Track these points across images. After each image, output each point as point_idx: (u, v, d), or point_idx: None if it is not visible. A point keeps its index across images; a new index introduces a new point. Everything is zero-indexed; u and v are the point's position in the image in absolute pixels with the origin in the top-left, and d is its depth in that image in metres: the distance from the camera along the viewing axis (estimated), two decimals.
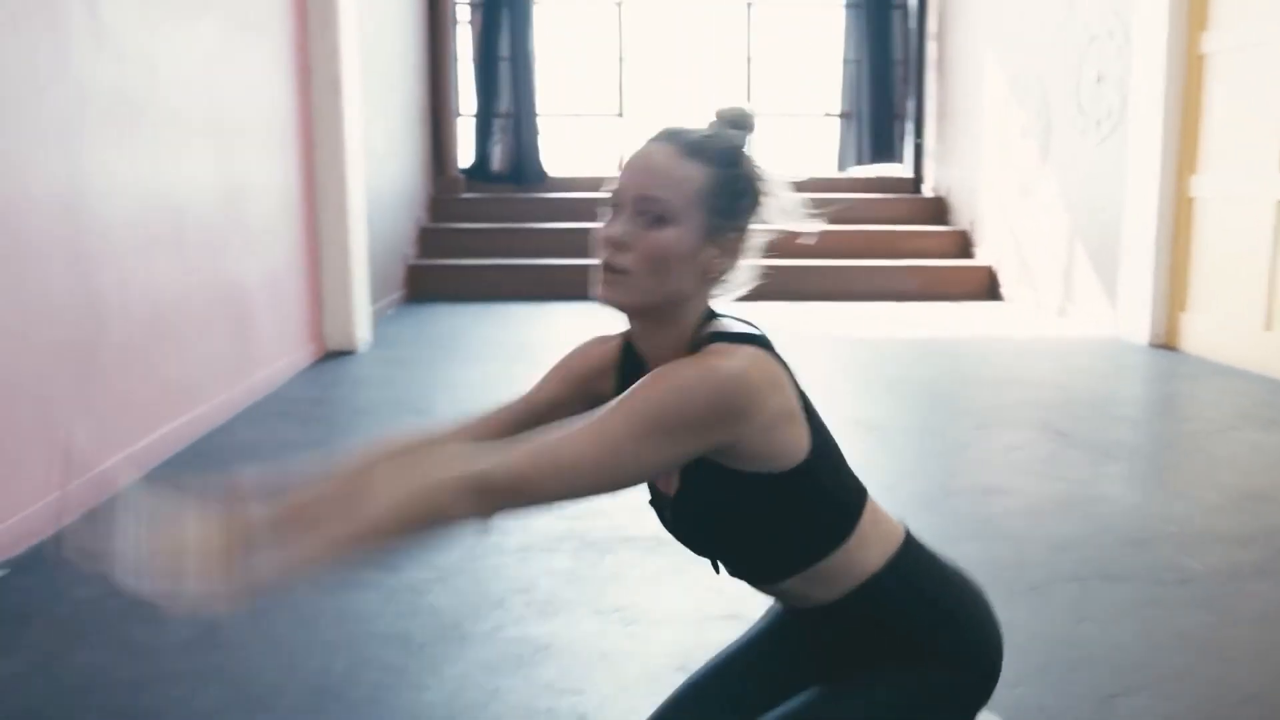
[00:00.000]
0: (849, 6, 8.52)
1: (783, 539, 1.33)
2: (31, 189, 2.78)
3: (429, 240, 7.93)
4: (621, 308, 1.27)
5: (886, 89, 8.50)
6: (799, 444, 1.27)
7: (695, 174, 1.24)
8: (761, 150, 1.33)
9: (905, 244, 7.76)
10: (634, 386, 1.21)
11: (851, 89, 8.61)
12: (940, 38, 8.22)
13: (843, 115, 8.73)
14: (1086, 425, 3.91)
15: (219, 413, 3.94)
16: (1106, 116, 5.79)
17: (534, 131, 8.60)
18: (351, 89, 5.24)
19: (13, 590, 2.46)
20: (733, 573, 1.41)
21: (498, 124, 8.58)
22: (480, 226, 8.09)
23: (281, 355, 4.71)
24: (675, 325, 1.30)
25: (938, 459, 3.55)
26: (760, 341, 1.28)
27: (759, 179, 1.31)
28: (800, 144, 9.11)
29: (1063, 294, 6.39)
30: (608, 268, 1.26)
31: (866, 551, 1.35)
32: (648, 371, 1.28)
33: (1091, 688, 1.97)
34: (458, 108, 8.71)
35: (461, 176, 8.61)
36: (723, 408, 1.18)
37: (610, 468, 1.18)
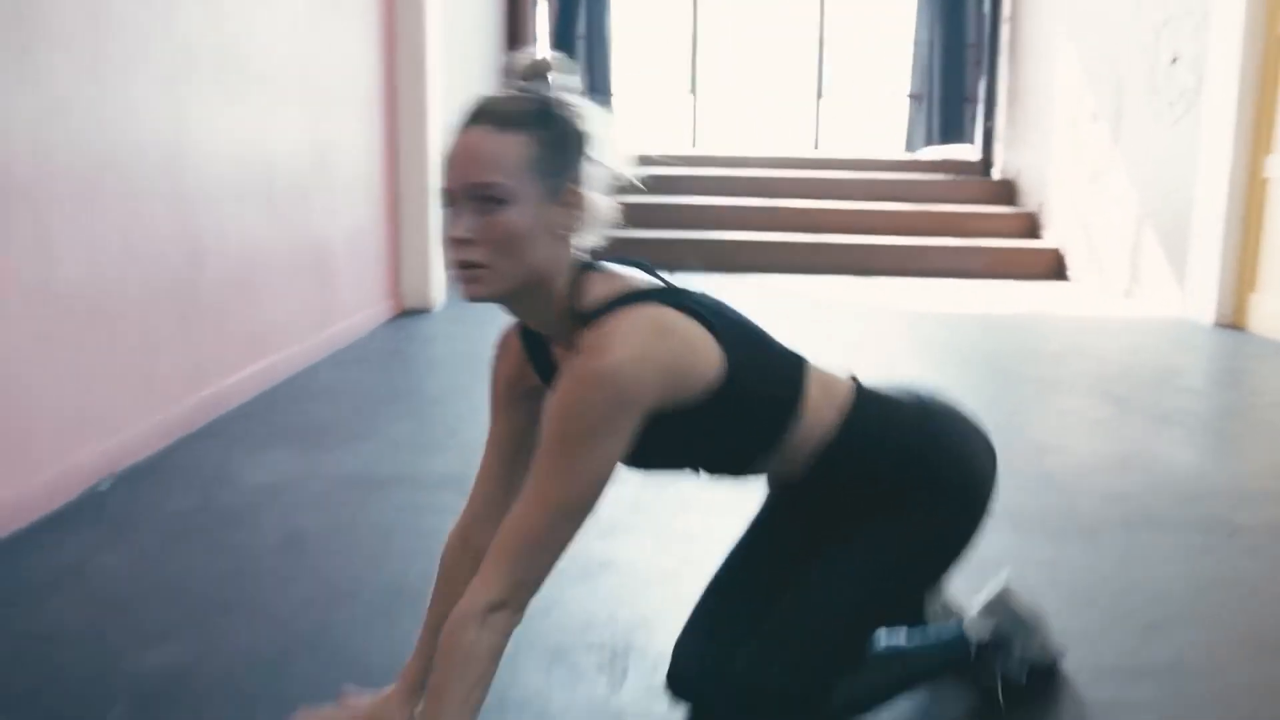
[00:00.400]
0: None
1: (736, 439, 1.43)
2: (141, 137, 2.98)
3: None
4: (492, 299, 1.30)
5: (958, 71, 8.49)
6: (710, 369, 1.34)
7: (515, 145, 1.26)
8: (574, 91, 1.34)
9: (972, 224, 7.77)
10: (543, 428, 1.30)
11: (923, 71, 8.62)
12: (1013, 20, 8.19)
13: (913, 96, 8.74)
14: (1146, 394, 3.94)
15: (302, 357, 4.14)
16: (1180, 98, 5.76)
17: (608, 106, 8.74)
18: (434, 59, 5.42)
19: (117, 499, 2.66)
20: (711, 476, 1.53)
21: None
22: None
23: (361, 309, 4.91)
24: (548, 292, 1.33)
25: (995, 420, 3.60)
26: (632, 297, 1.33)
27: (576, 121, 1.32)
28: (870, 125, 9.13)
29: (1129, 276, 6.37)
30: (463, 266, 1.28)
31: (820, 417, 1.45)
32: (549, 345, 1.39)
33: (1134, 619, 2.05)
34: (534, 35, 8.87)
35: None
36: (623, 400, 1.26)
37: (574, 501, 1.29)
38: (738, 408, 1.39)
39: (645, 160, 1.46)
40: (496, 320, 1.48)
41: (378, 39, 5.08)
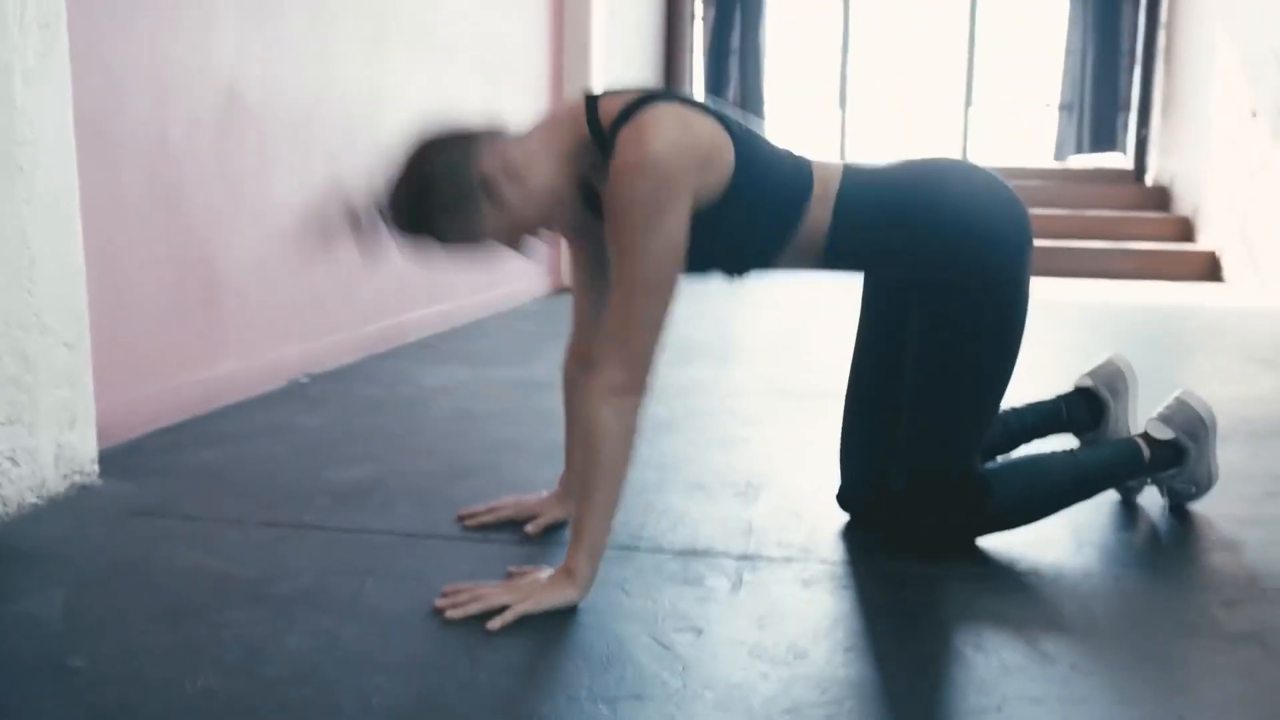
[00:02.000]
0: (1073, 1, 8.56)
1: (756, 230, 1.57)
2: (347, 86, 3.41)
3: None
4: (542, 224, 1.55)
5: (1111, 78, 8.46)
6: (728, 156, 1.49)
7: (439, 233, 1.50)
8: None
9: (1124, 229, 7.72)
10: (609, 231, 1.44)
11: (1074, 79, 8.61)
12: (1170, 25, 8.14)
13: (1062, 106, 8.74)
14: None
15: (471, 310, 4.53)
16: None
17: (760, 120, 9.03)
18: (598, 57, 5.82)
19: (314, 389, 3.06)
20: (741, 275, 1.67)
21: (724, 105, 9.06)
22: None
23: (525, 277, 5.29)
24: (568, 175, 1.53)
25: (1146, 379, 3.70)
26: (646, 99, 1.46)
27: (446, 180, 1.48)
28: (1017, 135, 9.14)
29: None
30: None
31: (821, 205, 1.58)
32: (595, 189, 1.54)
33: (1249, 491, 2.16)
34: (689, 89, 9.26)
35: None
36: (666, 181, 1.39)
37: (653, 279, 1.42)
38: (753, 197, 1.52)
39: None
40: None
41: (547, 27, 5.50)
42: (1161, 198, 8.15)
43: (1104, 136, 8.55)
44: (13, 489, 1.86)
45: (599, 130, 1.50)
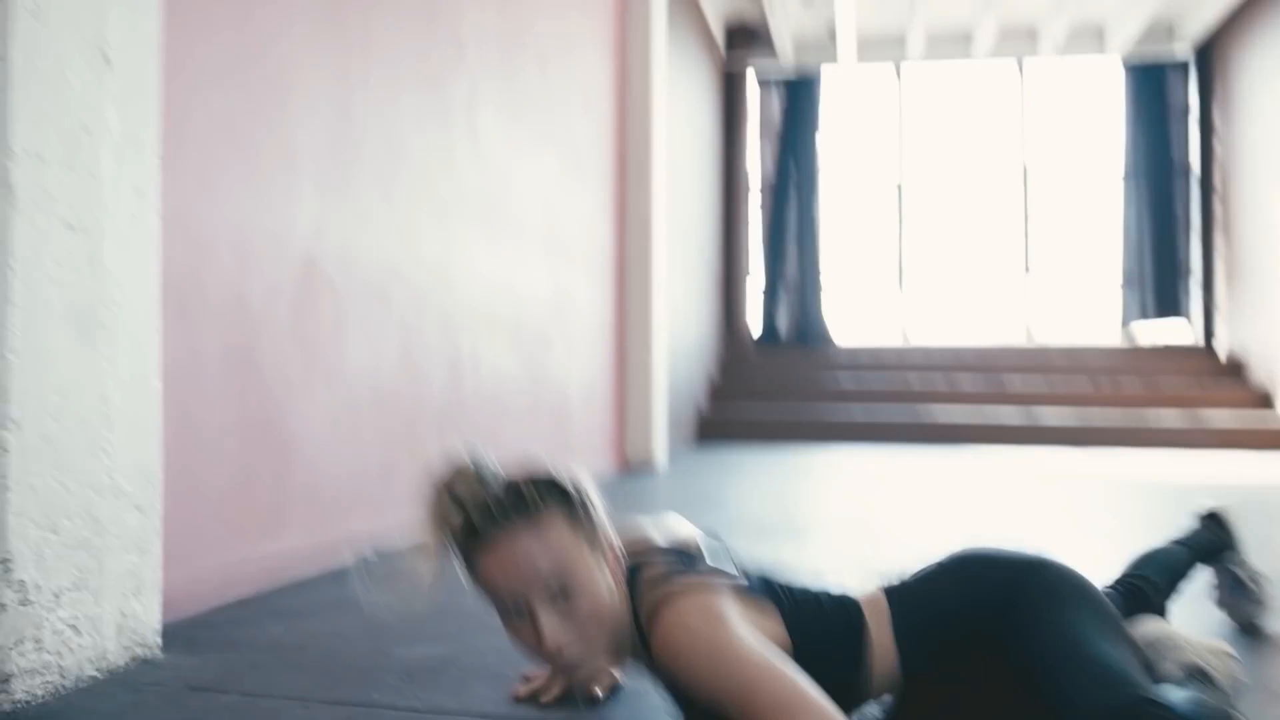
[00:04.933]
0: (1126, 179, 8.64)
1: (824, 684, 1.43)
2: (420, 256, 3.45)
3: (717, 393, 8.44)
4: (610, 666, 1.45)
5: (1169, 246, 8.45)
6: (776, 637, 1.40)
7: (556, 526, 1.32)
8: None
9: (1198, 400, 7.54)
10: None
11: (1133, 251, 8.61)
12: (1224, 196, 8.15)
13: (1125, 282, 8.70)
14: None
15: None
16: None
17: (818, 297, 9.09)
18: (659, 231, 5.92)
19: (381, 566, 2.95)
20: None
21: (783, 293, 9.14)
22: (763, 382, 8.53)
23: (590, 456, 5.23)
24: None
25: None
26: (678, 590, 1.34)
27: (562, 481, 1.37)
28: (1079, 310, 9.09)
29: None
30: (571, 667, 1.35)
31: (881, 636, 1.49)
32: None
33: None
34: (747, 269, 9.36)
35: (750, 341, 9.16)
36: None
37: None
38: (809, 655, 1.42)
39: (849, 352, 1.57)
40: (719, 479, 1.67)
41: (610, 208, 5.61)
42: (1235, 368, 7.98)
43: (1168, 304, 8.48)
44: (72, 659, 1.76)
45: (634, 605, 1.41)
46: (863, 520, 3.88)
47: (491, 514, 1.31)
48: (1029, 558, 1.55)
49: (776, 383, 8.52)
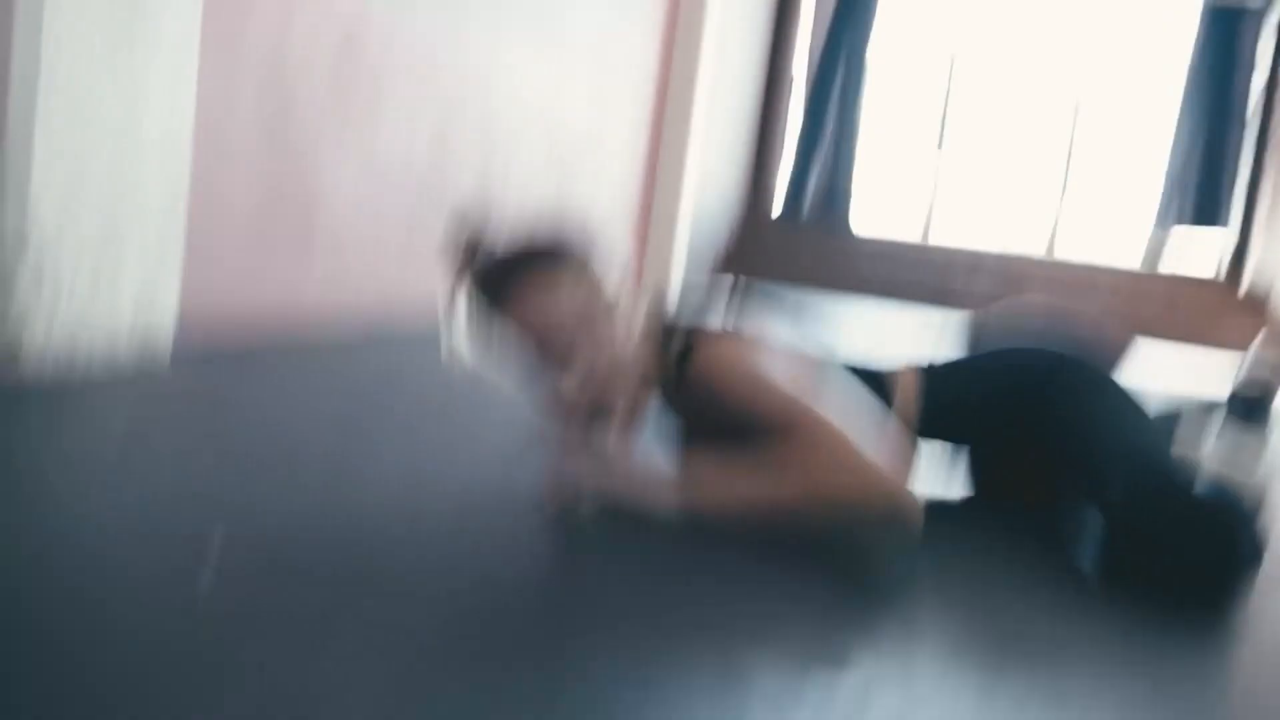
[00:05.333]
0: (1186, 86, 8.51)
1: None
2: (466, 55, 3.40)
3: (736, 265, 8.43)
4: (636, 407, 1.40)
5: (1218, 157, 8.35)
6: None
7: (573, 274, 1.32)
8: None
9: (1214, 333, 7.52)
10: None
11: (1179, 158, 8.49)
12: None
13: (1156, 224, 8.60)
14: None
15: None
16: None
17: (848, 184, 9.00)
18: (703, 84, 5.83)
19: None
20: None
21: (813, 175, 9.04)
22: (782, 259, 8.51)
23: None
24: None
25: None
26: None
27: (581, 231, 1.39)
28: (1110, 216, 9.02)
29: None
30: (583, 413, 1.34)
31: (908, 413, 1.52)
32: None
33: None
34: (780, 151, 9.25)
35: (771, 219, 9.11)
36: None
37: None
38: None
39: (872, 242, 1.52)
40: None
41: (658, 48, 5.52)
42: (1256, 305, 7.95)
43: (1207, 214, 8.40)
44: (85, 351, 1.78)
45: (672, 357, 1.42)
46: None
47: (511, 268, 1.31)
48: (1063, 353, 1.55)
49: (794, 262, 8.51)
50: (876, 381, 1.55)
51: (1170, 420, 2.05)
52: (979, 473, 1.61)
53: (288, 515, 1.07)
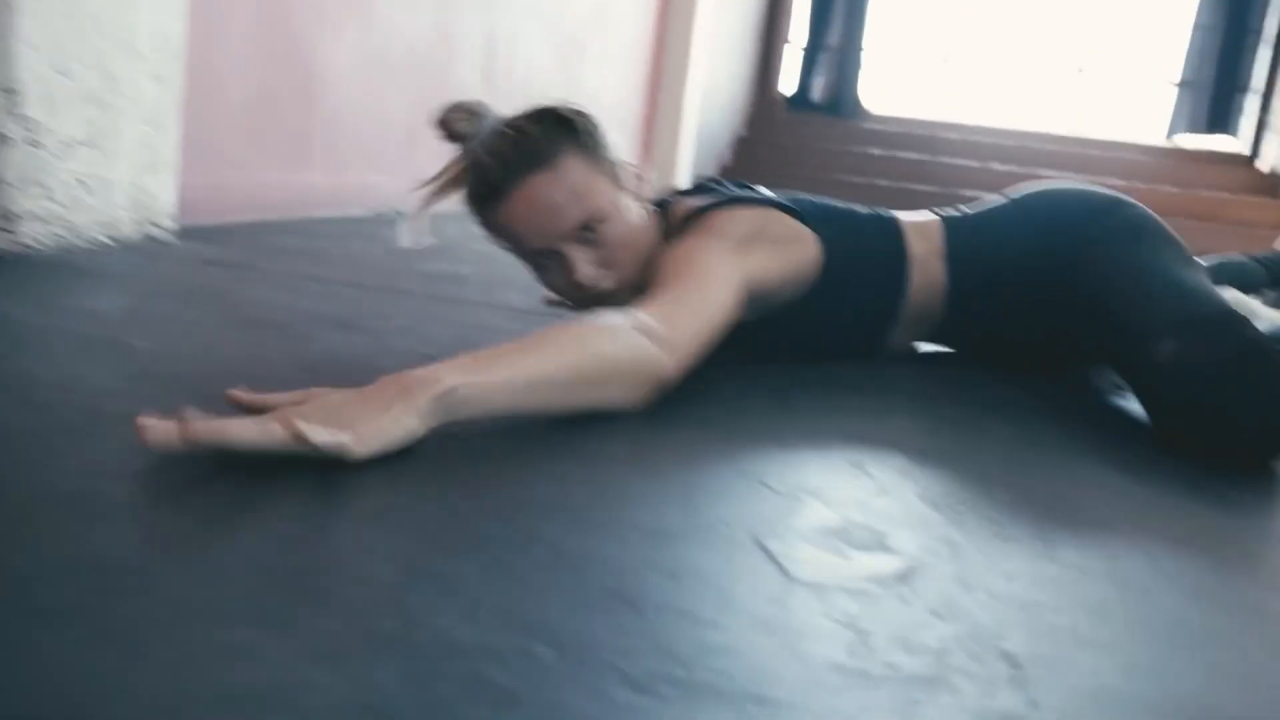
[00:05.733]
0: None
1: (859, 307, 1.44)
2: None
3: (744, 149, 8.25)
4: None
5: (1235, 58, 8.07)
6: (810, 249, 1.36)
7: (571, 168, 1.23)
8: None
9: (1233, 212, 7.37)
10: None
11: (1195, 56, 8.22)
12: None
13: (1181, 83, 8.36)
14: None
15: None
16: None
17: (857, 66, 8.74)
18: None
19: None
20: (870, 353, 1.52)
21: (823, 56, 8.78)
22: (793, 144, 8.32)
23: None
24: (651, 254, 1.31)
25: None
26: (714, 205, 1.32)
27: (574, 118, 1.28)
28: (1129, 110, 8.78)
29: None
30: (604, 298, 1.26)
31: (928, 264, 1.46)
32: None
33: None
34: (787, 36, 8.98)
35: (781, 100, 8.88)
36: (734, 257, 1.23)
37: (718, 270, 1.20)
38: (849, 276, 1.40)
39: (883, 120, 1.44)
40: None
41: None
42: (1275, 184, 7.78)
43: (1219, 118, 8.17)
44: (82, 217, 1.71)
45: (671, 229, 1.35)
46: None
47: (506, 168, 1.23)
48: (1105, 195, 1.47)
49: (804, 145, 8.31)
50: (893, 232, 1.47)
51: (1216, 272, 2.00)
52: (1010, 337, 1.53)
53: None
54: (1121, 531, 0.85)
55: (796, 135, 8.49)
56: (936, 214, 1.53)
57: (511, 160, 1.23)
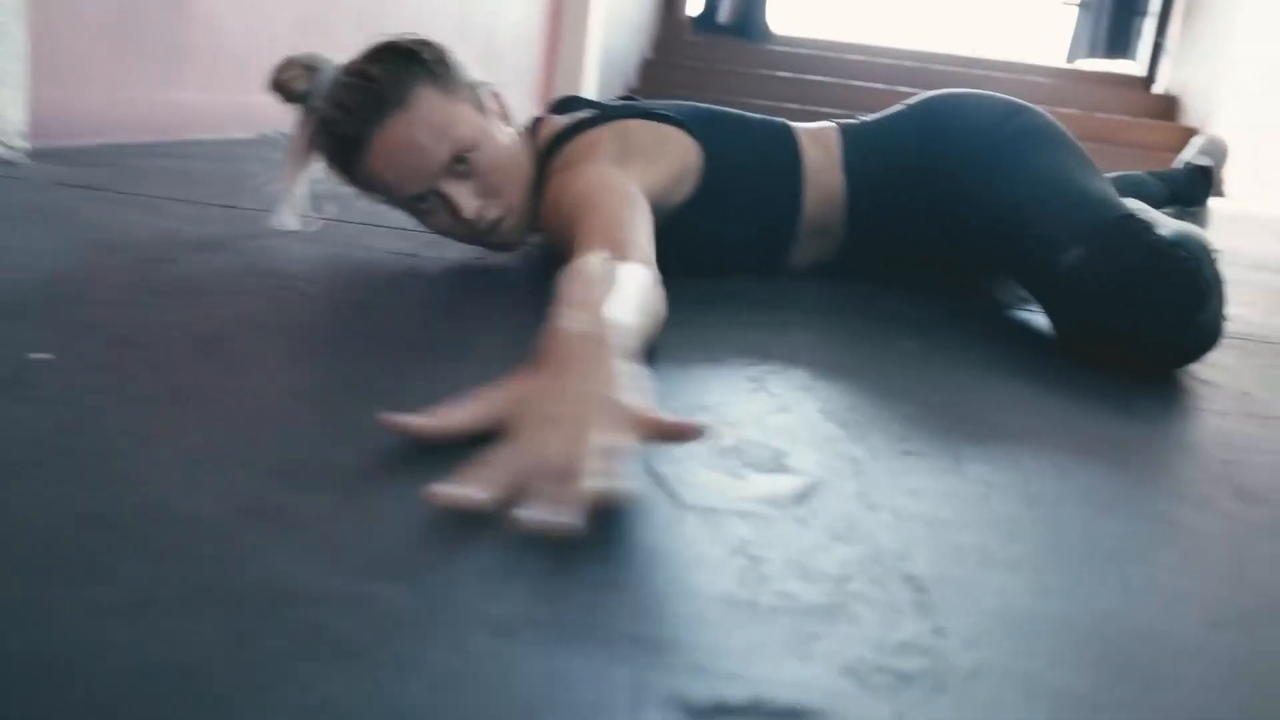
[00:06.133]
0: None
1: (755, 216, 1.37)
2: None
3: (651, 72, 8.10)
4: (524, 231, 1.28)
5: None
6: (689, 155, 1.29)
7: (429, 103, 1.17)
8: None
9: (1129, 134, 7.49)
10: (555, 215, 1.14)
11: None
12: None
13: (1081, 4, 8.42)
14: None
15: None
16: None
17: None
18: None
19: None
20: (772, 267, 1.45)
21: None
22: (700, 66, 8.20)
23: (517, 99, 4.95)
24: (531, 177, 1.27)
25: None
26: (579, 125, 1.26)
27: (422, 50, 1.22)
28: (1029, 31, 8.84)
29: None
30: (492, 230, 1.21)
31: (826, 174, 1.39)
32: None
33: None
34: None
35: (688, 21, 8.72)
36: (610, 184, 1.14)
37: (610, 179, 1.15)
38: (738, 180, 1.34)
39: (789, 41, 1.37)
40: None
41: None
42: (1170, 107, 7.92)
43: (1119, 41, 8.27)
44: None
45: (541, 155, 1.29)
46: None
47: (358, 118, 1.17)
48: (1006, 101, 1.42)
49: (711, 68, 8.20)
50: (784, 136, 1.41)
51: (1115, 185, 2.00)
52: (914, 250, 1.49)
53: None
54: (1030, 445, 0.81)
55: (703, 58, 8.37)
56: (835, 123, 1.48)
57: (361, 108, 1.17)
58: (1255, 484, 0.79)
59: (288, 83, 1.20)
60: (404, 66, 1.18)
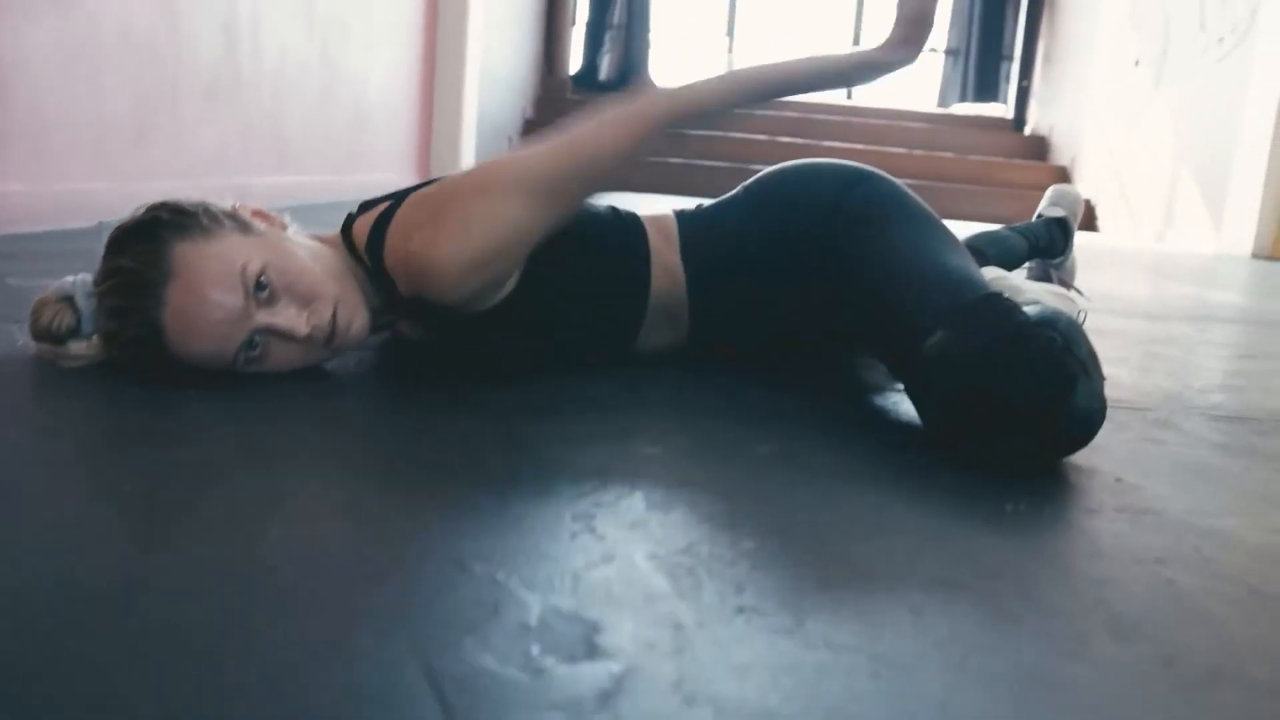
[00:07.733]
0: None
1: (600, 299, 1.31)
2: None
3: (534, 131, 8.06)
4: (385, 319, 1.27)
5: (997, 27, 8.42)
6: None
7: (190, 254, 1.07)
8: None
9: (1002, 175, 7.69)
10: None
11: (961, 25, 8.53)
12: None
13: (948, 51, 8.66)
14: (1184, 306, 3.85)
15: (324, 189, 4.07)
16: (1230, 32, 5.67)
17: (645, 44, 8.67)
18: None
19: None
20: (617, 352, 1.39)
21: (609, 34, 8.67)
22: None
23: (392, 165, 4.85)
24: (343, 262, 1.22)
25: None
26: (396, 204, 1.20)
27: (162, 208, 1.14)
28: (900, 79, 9.06)
29: (1163, 220, 6.29)
30: (337, 333, 1.14)
31: (668, 261, 1.34)
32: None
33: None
34: (573, 16, 8.83)
35: (568, 80, 8.72)
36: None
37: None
38: (584, 261, 1.28)
39: None
40: None
41: None
42: (1040, 146, 8.16)
43: (987, 85, 8.51)
44: None
45: (359, 256, 1.22)
46: None
47: (139, 311, 1.07)
48: (845, 170, 1.36)
49: None
50: (629, 227, 1.34)
51: (976, 245, 1.97)
52: (766, 332, 1.41)
53: None
54: (884, 583, 0.73)
55: (583, 111, 8.36)
56: (672, 211, 1.41)
57: (135, 301, 1.07)
58: (1130, 612, 0.72)
59: (53, 325, 1.13)
60: (149, 239, 1.08)
